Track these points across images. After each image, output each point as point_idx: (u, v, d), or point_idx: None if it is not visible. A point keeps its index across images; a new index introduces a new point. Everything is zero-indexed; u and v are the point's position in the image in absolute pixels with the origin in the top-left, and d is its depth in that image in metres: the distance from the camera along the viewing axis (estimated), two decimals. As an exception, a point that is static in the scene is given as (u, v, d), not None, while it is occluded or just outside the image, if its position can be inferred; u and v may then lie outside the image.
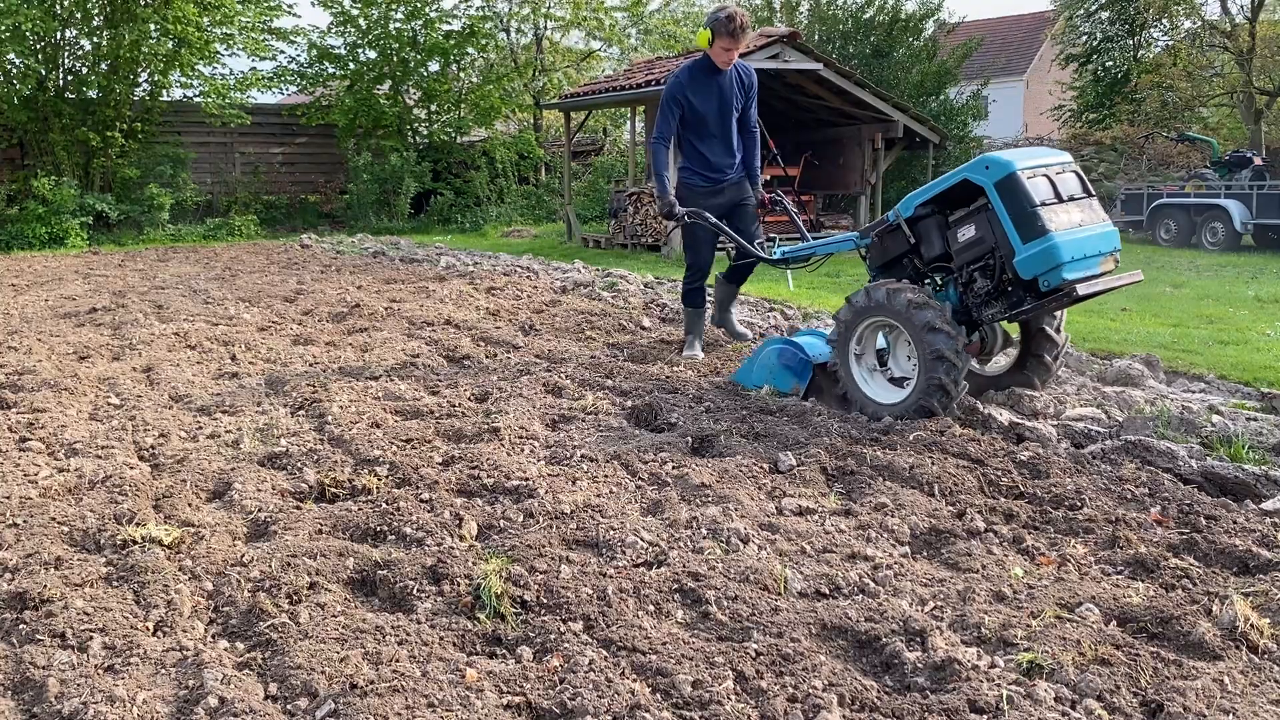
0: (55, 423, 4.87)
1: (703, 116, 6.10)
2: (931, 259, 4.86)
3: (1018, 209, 4.36)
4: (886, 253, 5.01)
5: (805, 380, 5.17)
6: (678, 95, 6.07)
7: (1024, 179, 4.37)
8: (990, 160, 4.48)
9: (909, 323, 4.53)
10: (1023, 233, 4.35)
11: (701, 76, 6.08)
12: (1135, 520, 3.42)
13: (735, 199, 6.24)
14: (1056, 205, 4.40)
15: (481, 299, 8.70)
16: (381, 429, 4.67)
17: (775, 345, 5.37)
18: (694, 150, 6.20)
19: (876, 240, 5.04)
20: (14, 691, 2.50)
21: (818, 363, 5.15)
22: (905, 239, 4.89)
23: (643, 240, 14.23)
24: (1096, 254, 4.43)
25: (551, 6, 22.41)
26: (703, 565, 3.04)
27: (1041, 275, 4.36)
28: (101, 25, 16.32)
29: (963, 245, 4.65)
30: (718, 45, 5.89)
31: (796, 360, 5.21)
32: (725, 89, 6.13)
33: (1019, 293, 4.56)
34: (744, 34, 5.88)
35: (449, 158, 19.99)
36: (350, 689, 2.40)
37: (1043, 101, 28.96)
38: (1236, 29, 18.17)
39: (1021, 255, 4.37)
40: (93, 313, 8.38)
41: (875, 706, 2.36)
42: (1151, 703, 2.33)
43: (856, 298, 4.78)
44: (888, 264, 5.03)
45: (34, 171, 16.18)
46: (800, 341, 5.32)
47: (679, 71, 6.17)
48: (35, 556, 3.19)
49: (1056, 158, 4.63)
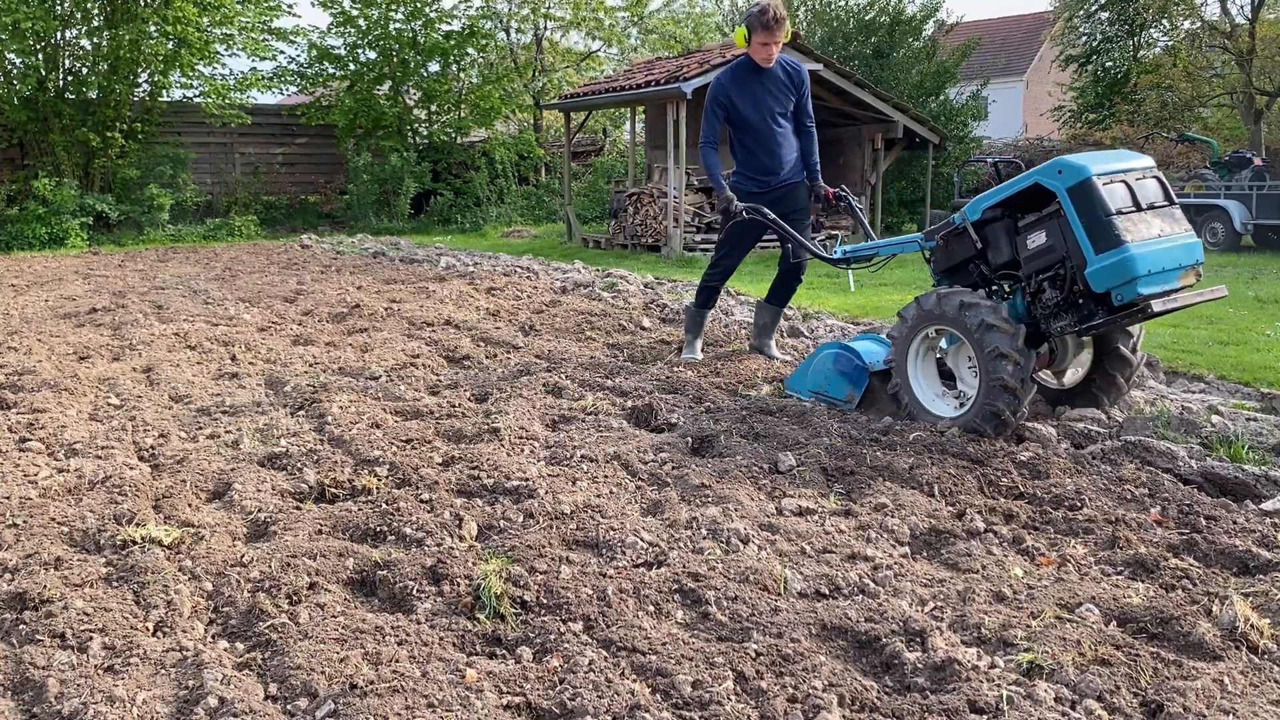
0: (55, 423, 4.87)
1: (748, 118, 5.85)
2: (999, 265, 4.62)
3: (1091, 217, 4.09)
4: (951, 257, 4.77)
5: (861, 388, 4.97)
6: (720, 97, 5.84)
7: (1099, 185, 4.10)
8: (1064, 164, 4.21)
9: (964, 326, 4.33)
10: (1096, 243, 4.08)
11: (745, 77, 5.84)
12: (1135, 520, 3.42)
13: (787, 209, 5.90)
14: (1134, 214, 4.11)
15: (481, 299, 8.70)
16: (381, 429, 4.67)
17: (831, 350, 5.14)
18: (744, 153, 5.96)
19: (941, 244, 4.80)
20: (14, 691, 2.50)
21: (875, 370, 4.97)
22: (972, 243, 4.64)
23: (643, 240, 14.23)
24: (1176, 267, 4.13)
25: (551, 6, 22.42)
26: (703, 565, 3.04)
27: (1115, 289, 4.08)
28: (101, 25, 16.32)
29: (1032, 253, 4.40)
30: (755, 41, 5.66)
31: (852, 367, 5.01)
32: (771, 88, 5.85)
33: (1090, 305, 4.28)
34: (780, 26, 5.62)
35: (449, 158, 19.99)
36: (350, 689, 2.40)
37: (1043, 102, 28.96)
38: (1236, 29, 18.18)
39: (1094, 266, 4.09)
40: (93, 313, 8.38)
41: (875, 707, 2.36)
42: (1151, 703, 2.33)
43: (908, 310, 4.62)
44: (952, 269, 4.80)
45: (34, 172, 16.19)
46: (857, 347, 5.11)
47: (721, 73, 6.01)
48: (35, 556, 3.19)
49: (1137, 162, 4.32)
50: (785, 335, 7.10)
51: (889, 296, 8.86)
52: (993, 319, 4.25)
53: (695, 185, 13.86)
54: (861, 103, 14.46)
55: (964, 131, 18.65)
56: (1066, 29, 22.27)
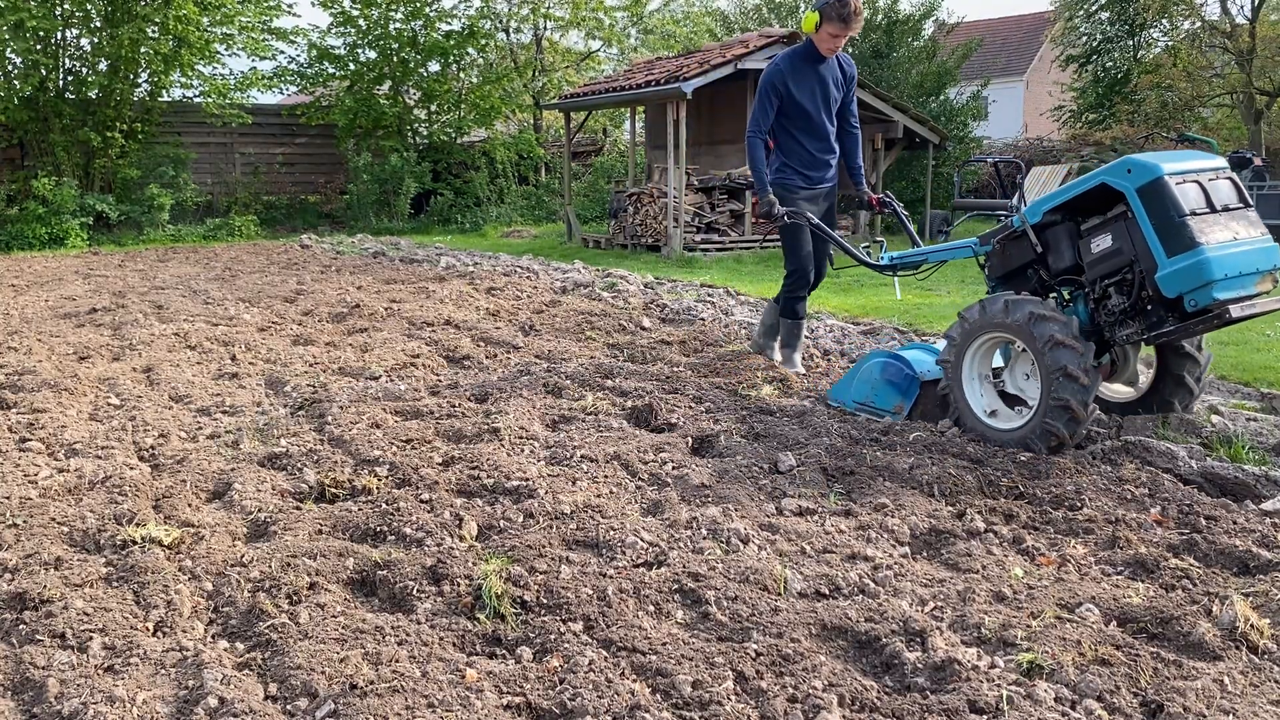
0: (55, 423, 4.87)
1: (803, 108, 5.55)
2: (1060, 271, 4.40)
3: (1163, 218, 3.90)
4: (1009, 262, 4.57)
5: (911, 398, 4.73)
6: (777, 84, 5.51)
7: (1172, 185, 3.91)
8: (1133, 163, 4.01)
9: (1030, 338, 4.09)
10: (1168, 245, 3.89)
11: (803, 65, 5.53)
12: (1135, 520, 3.42)
13: (826, 209, 5.76)
14: (1208, 215, 3.91)
15: (481, 299, 8.70)
16: (381, 429, 4.67)
17: (879, 359, 4.92)
18: (794, 146, 5.66)
19: (998, 248, 4.60)
20: (14, 691, 2.50)
21: (926, 380, 4.74)
22: (1031, 247, 4.43)
23: (643, 240, 14.23)
24: (1254, 272, 3.93)
25: (551, 6, 22.42)
26: (703, 565, 3.04)
27: (1188, 293, 3.89)
28: (102, 25, 16.32)
29: (1097, 257, 4.20)
30: (825, 30, 5.34)
31: (902, 376, 4.79)
32: (828, 79, 5.59)
33: (1159, 312, 4.08)
34: (858, 20, 5.33)
35: (449, 158, 19.99)
36: (350, 689, 2.40)
37: (1043, 102, 28.97)
38: (1236, 29, 18.17)
39: (1165, 270, 3.90)
40: (93, 313, 8.38)
41: (875, 707, 2.36)
42: (1151, 703, 2.33)
43: (970, 312, 4.37)
44: (1009, 275, 4.59)
45: (34, 172, 16.19)
46: (907, 356, 4.88)
47: (779, 58, 5.63)
48: (35, 556, 3.20)
49: (1210, 162, 4.12)
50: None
51: (890, 296, 8.85)
52: (1063, 335, 4.01)
53: (695, 185, 13.86)
54: (861, 102, 14.44)
55: (964, 131, 18.66)
56: (1067, 29, 22.27)
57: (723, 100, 14.63)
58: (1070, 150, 18.78)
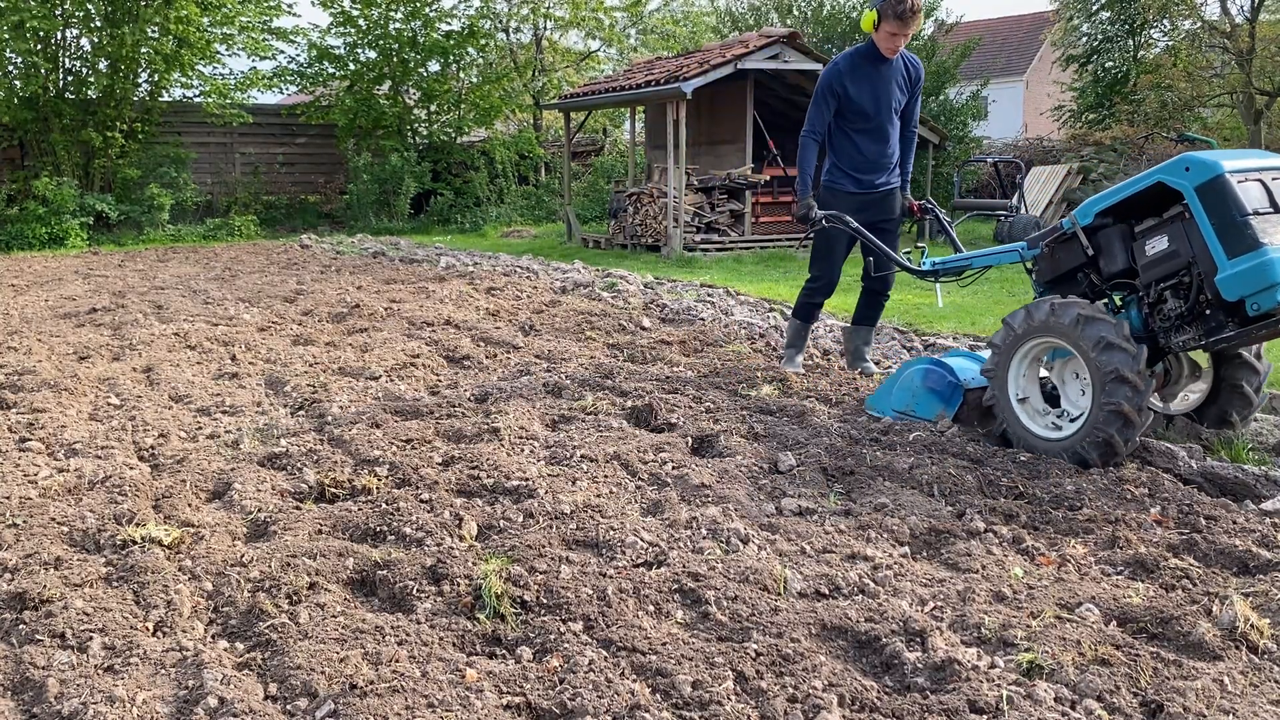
0: (55, 423, 4.87)
1: (861, 109, 5.40)
2: (1112, 274, 4.22)
3: (1224, 218, 3.74)
4: (1058, 266, 4.40)
5: (954, 407, 4.57)
6: (834, 84, 5.37)
7: (1233, 183, 3.74)
8: (1192, 161, 3.84)
9: (1079, 342, 3.92)
10: (1229, 246, 3.73)
11: (863, 65, 5.38)
12: (1135, 520, 3.42)
13: (879, 218, 5.52)
14: (1272, 215, 3.75)
15: (481, 299, 8.70)
16: (381, 429, 4.67)
17: (920, 366, 4.73)
18: (848, 148, 5.49)
19: (1047, 252, 4.43)
20: (14, 691, 2.50)
21: (970, 388, 4.57)
22: (1082, 250, 4.26)
23: (643, 240, 14.23)
24: None
25: (551, 6, 22.43)
26: (703, 565, 3.04)
27: (1250, 297, 3.71)
28: (102, 25, 16.32)
29: (1152, 259, 4.03)
30: (884, 29, 5.20)
31: (944, 384, 4.60)
32: (889, 80, 5.41)
33: (1219, 317, 3.91)
34: (916, 17, 5.18)
35: (449, 158, 19.99)
36: (350, 689, 2.40)
37: (1043, 101, 28.97)
38: (1236, 29, 18.17)
39: (1226, 273, 3.74)
40: (93, 313, 8.38)
41: (875, 707, 2.36)
42: (1151, 703, 2.33)
43: (1015, 318, 4.20)
44: (1059, 279, 4.42)
45: (34, 172, 16.19)
46: (950, 363, 4.70)
47: (838, 58, 5.50)
48: (35, 556, 3.19)
49: (1271, 160, 3.95)
50: (785, 335, 7.10)
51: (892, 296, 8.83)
52: (1113, 337, 3.85)
53: (695, 185, 13.86)
54: (861, 103, 14.42)
55: (964, 131, 18.64)
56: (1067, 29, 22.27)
57: (723, 100, 14.63)
58: (1070, 150, 18.76)
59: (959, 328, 7.21)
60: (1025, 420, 4.21)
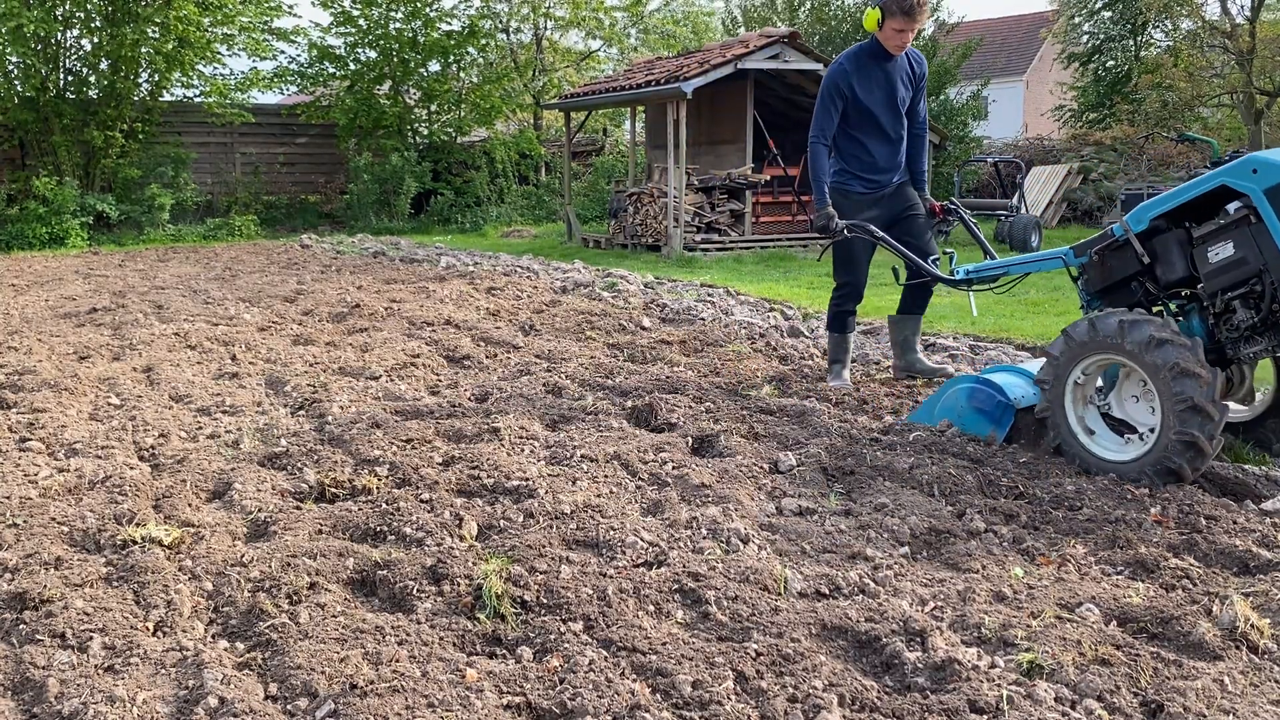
0: (55, 423, 4.87)
1: (868, 110, 5.23)
2: (1171, 283, 3.98)
3: None
4: (1110, 275, 4.14)
5: (1005, 428, 4.29)
6: (840, 85, 5.18)
7: None
8: (1260, 161, 3.63)
9: (1149, 365, 3.66)
10: None
11: (869, 63, 5.20)
12: (1135, 520, 3.42)
13: (898, 208, 5.39)
14: None
15: (481, 299, 8.70)
16: (381, 429, 4.67)
17: (965, 385, 4.46)
18: (856, 149, 5.33)
19: (1097, 259, 4.18)
20: (14, 691, 2.50)
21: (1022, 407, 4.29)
22: (1136, 258, 4.00)
23: (643, 240, 14.24)
24: None
25: (551, 6, 22.43)
26: (703, 565, 3.04)
27: None
28: (102, 25, 16.33)
29: (1216, 267, 3.80)
30: (889, 26, 5.02)
31: (993, 404, 4.32)
32: (895, 78, 5.25)
33: None
34: (923, 12, 4.99)
35: (449, 158, 20.00)
36: (350, 689, 2.40)
37: (1043, 101, 28.98)
38: (1236, 29, 18.17)
39: None
40: (93, 313, 8.38)
41: (875, 707, 2.36)
42: (1151, 703, 2.33)
43: (1078, 330, 3.91)
44: (1110, 288, 4.17)
45: (35, 172, 16.19)
46: (997, 380, 4.40)
47: (842, 58, 5.30)
48: (35, 556, 3.20)
49: None
50: (785, 335, 7.10)
51: (892, 296, 8.84)
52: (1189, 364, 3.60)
53: (695, 185, 13.87)
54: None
55: (964, 131, 18.67)
56: (1069, 28, 22.28)
57: (723, 100, 14.63)
58: (1070, 150, 18.77)
59: (959, 327, 7.21)
60: (1083, 438, 3.97)
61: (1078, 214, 16.93)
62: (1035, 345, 6.55)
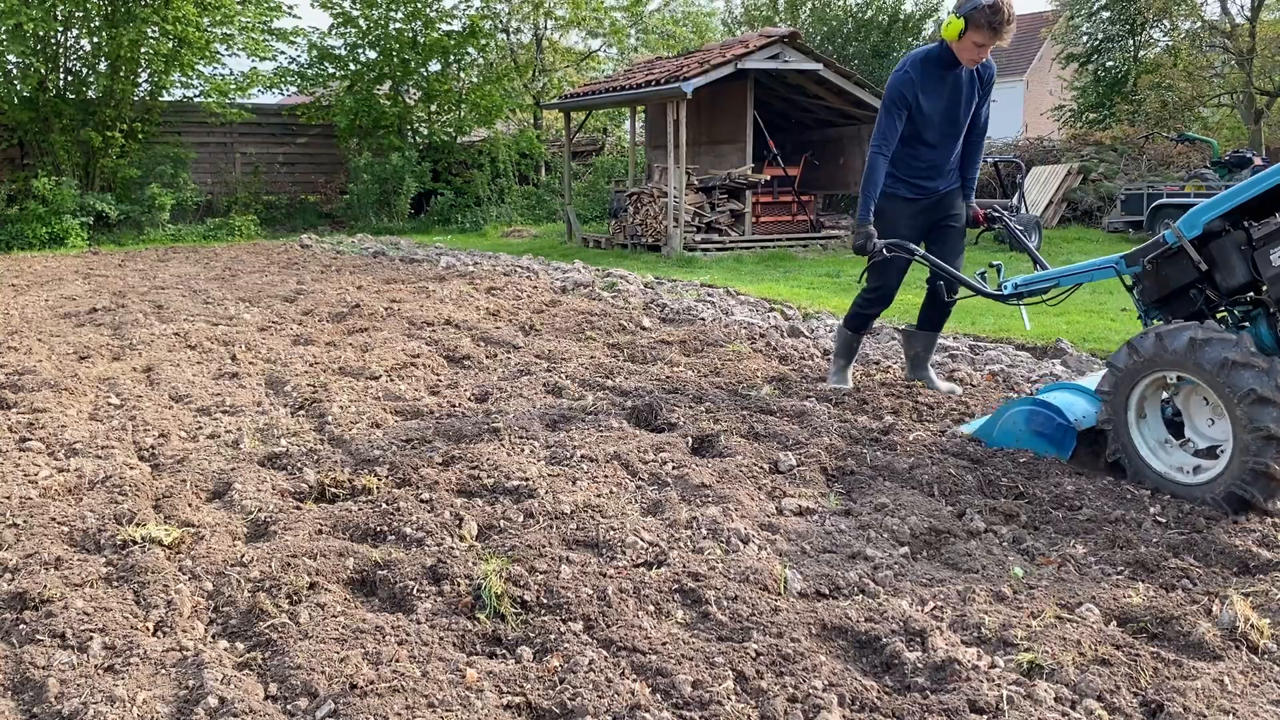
0: (55, 423, 4.87)
1: (930, 119, 4.96)
2: (1232, 289, 3.78)
3: None
4: (1165, 285, 3.95)
5: (1068, 451, 4.08)
6: (905, 94, 4.90)
7: None
8: None
9: (1223, 389, 3.46)
10: None
11: (935, 71, 4.91)
12: (1135, 520, 3.42)
13: (937, 216, 5.19)
14: None
15: (481, 299, 8.70)
16: (381, 429, 4.67)
17: (1023, 407, 4.23)
18: (909, 156, 5.07)
19: (1151, 269, 3.98)
20: (14, 691, 2.50)
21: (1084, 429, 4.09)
22: (1193, 266, 3.82)
23: (643, 240, 14.24)
24: None
25: (551, 6, 22.43)
26: (703, 565, 3.04)
27: None
28: (101, 25, 16.33)
29: None
30: (970, 39, 4.71)
31: (1054, 426, 4.12)
32: (961, 88, 4.97)
33: None
34: (1008, 30, 4.69)
35: (449, 158, 20.00)
36: (350, 689, 2.40)
37: (1043, 101, 28.97)
38: (1236, 29, 18.18)
39: None
40: (93, 313, 8.38)
41: (875, 706, 2.36)
42: (1151, 703, 2.33)
43: (1144, 343, 3.70)
44: (1168, 298, 3.99)
45: (34, 171, 16.19)
46: (1055, 401, 4.18)
47: (907, 63, 4.99)
48: (35, 556, 3.20)
49: None
50: (785, 335, 7.10)
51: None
52: (1266, 390, 3.40)
53: (695, 185, 13.87)
54: (861, 102, 14.45)
55: (964, 131, 18.61)
56: (1068, 28, 22.29)
57: (723, 100, 14.64)
58: (1071, 150, 18.78)
59: (959, 327, 7.21)
60: (1150, 459, 3.80)
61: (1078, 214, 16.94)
62: (1035, 345, 6.56)
